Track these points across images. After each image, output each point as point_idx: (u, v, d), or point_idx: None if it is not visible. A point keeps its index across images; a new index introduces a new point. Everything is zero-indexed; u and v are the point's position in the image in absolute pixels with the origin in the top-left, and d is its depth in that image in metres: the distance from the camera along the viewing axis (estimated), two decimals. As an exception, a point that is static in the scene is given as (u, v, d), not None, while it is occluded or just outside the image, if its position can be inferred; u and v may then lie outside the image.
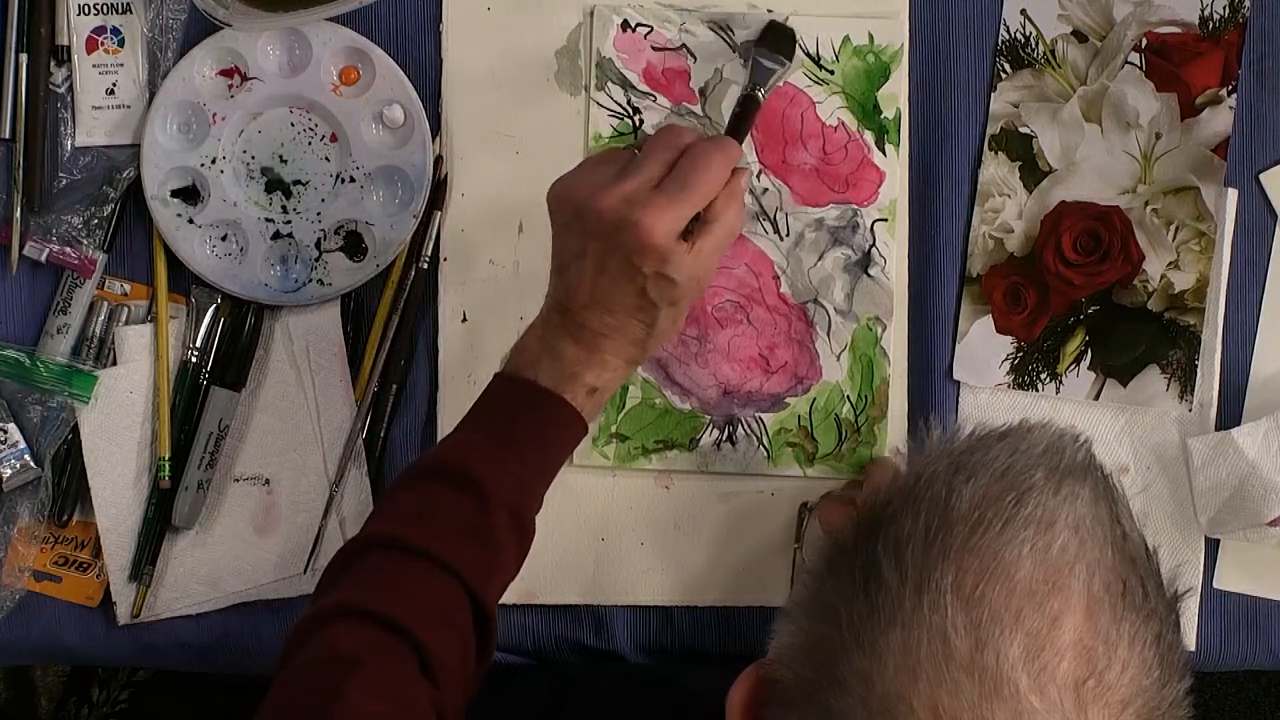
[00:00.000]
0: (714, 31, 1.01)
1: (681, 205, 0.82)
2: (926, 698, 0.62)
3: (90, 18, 1.01)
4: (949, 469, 0.68)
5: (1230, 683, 1.59)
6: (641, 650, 1.03)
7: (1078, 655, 0.62)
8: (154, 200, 1.00)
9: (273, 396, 1.01)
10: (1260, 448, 0.98)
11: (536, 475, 0.86)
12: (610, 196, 0.82)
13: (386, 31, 1.01)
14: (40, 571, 1.01)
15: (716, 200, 0.84)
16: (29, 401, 1.00)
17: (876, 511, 0.68)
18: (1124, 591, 0.65)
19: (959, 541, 0.65)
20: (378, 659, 0.76)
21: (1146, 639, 0.65)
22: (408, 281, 1.01)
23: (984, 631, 0.62)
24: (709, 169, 0.83)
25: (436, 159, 1.01)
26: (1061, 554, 0.64)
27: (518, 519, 0.84)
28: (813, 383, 1.01)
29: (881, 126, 1.01)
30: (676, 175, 0.83)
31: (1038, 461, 0.67)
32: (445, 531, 0.82)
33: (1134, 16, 1.00)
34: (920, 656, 0.63)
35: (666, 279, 0.83)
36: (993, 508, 0.65)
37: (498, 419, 0.86)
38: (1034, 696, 0.61)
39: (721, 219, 0.85)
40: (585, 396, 0.86)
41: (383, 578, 0.81)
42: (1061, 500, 0.66)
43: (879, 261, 1.01)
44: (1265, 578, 1.02)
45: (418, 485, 0.85)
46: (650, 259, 0.82)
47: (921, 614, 0.63)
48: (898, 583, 0.65)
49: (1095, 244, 1.01)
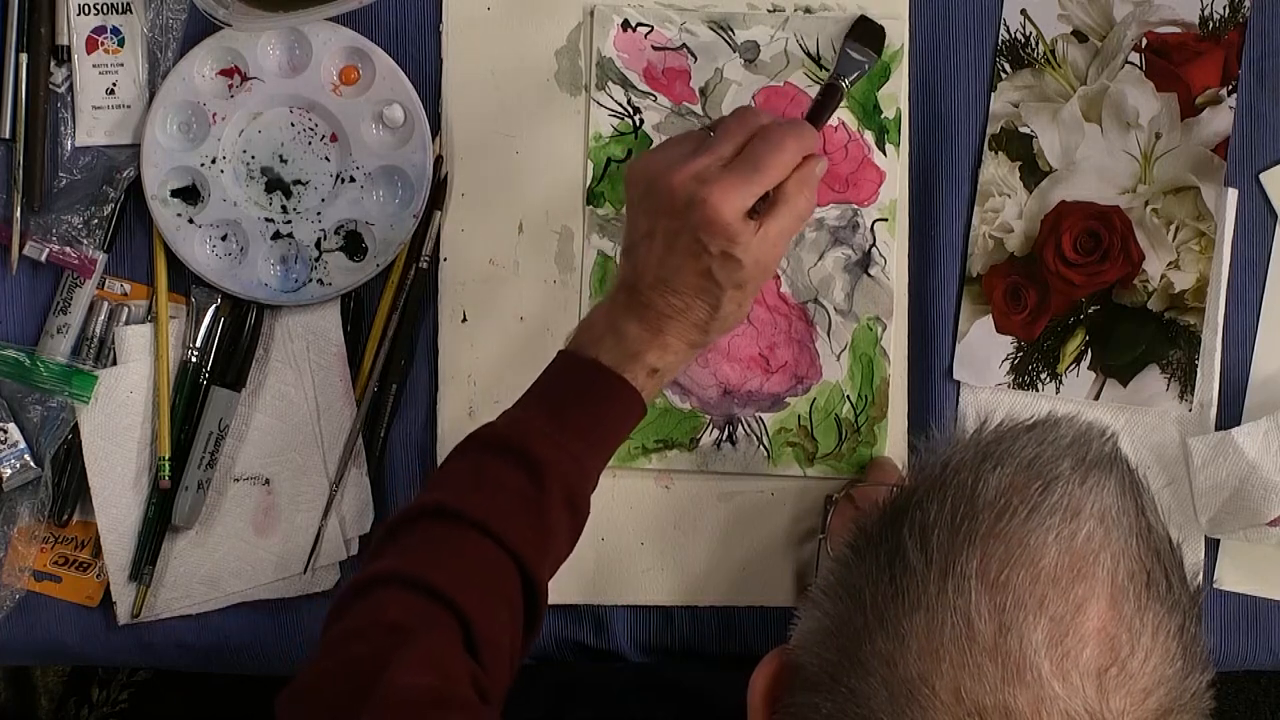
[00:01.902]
0: (714, 31, 1.01)
1: (750, 184, 0.82)
2: (949, 680, 0.62)
3: (90, 18, 1.01)
4: (976, 457, 0.68)
5: (1230, 683, 1.59)
6: (641, 650, 1.03)
7: (1101, 642, 0.63)
8: (154, 200, 1.00)
9: (273, 396, 1.01)
10: (1260, 448, 0.98)
11: (594, 454, 0.86)
12: (681, 173, 0.83)
13: (386, 31, 1.01)
14: (40, 571, 1.01)
15: (787, 184, 0.84)
16: (29, 401, 1.00)
17: (903, 498, 0.69)
18: (1148, 582, 0.65)
19: (985, 527, 0.65)
20: (423, 630, 0.76)
21: (1170, 629, 0.65)
22: (408, 281, 1.01)
23: (1008, 616, 0.63)
24: (781, 151, 0.83)
25: (436, 159, 1.01)
26: (1087, 542, 0.65)
27: (571, 497, 0.84)
28: (813, 382, 1.01)
29: (882, 126, 1.01)
30: (747, 155, 0.83)
31: (1065, 452, 0.67)
32: (498, 504, 0.82)
33: (1134, 16, 1.00)
34: (944, 639, 0.63)
35: (733, 259, 0.83)
36: (1019, 495, 0.66)
37: (558, 397, 0.86)
38: (1056, 682, 0.62)
39: (791, 203, 0.84)
40: (646, 377, 0.86)
41: (432, 547, 0.81)
42: (1087, 490, 0.66)
43: (879, 261, 1.01)
44: (1265, 578, 1.02)
45: (473, 457, 0.85)
46: (717, 237, 0.82)
47: (946, 597, 0.64)
48: (923, 566, 0.65)
49: (1095, 244, 1.01)
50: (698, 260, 0.83)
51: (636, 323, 0.85)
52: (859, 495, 0.95)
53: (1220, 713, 1.72)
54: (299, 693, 0.77)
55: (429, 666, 0.75)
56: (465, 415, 1.01)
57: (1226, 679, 1.69)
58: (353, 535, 1.01)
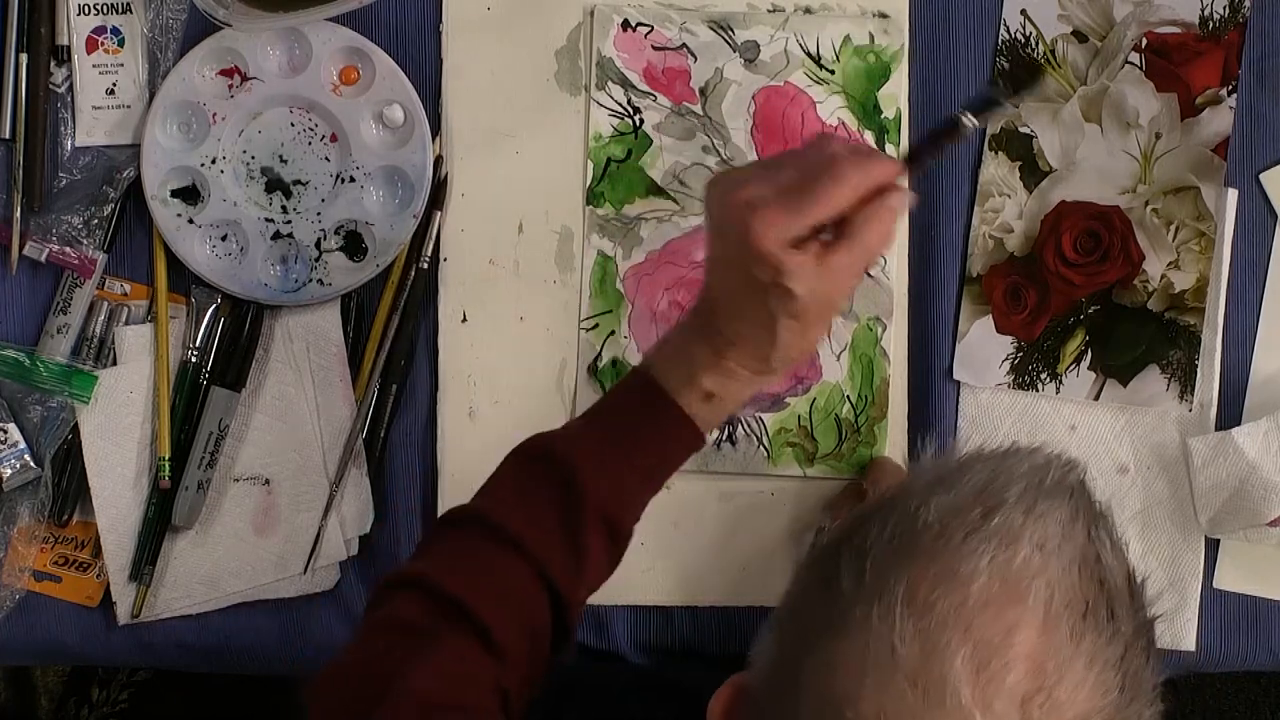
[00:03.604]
0: (714, 31, 1.01)
1: (797, 215, 0.78)
2: (871, 705, 0.62)
3: (90, 18, 1.01)
4: (929, 484, 0.67)
5: (1230, 683, 1.59)
6: (641, 650, 1.03)
7: (1027, 669, 0.61)
8: (154, 200, 1.00)
9: (273, 396, 1.01)
10: (1260, 448, 0.98)
11: (641, 481, 0.84)
12: (739, 195, 0.79)
13: (386, 31, 1.01)
14: (40, 571, 1.01)
15: (856, 216, 0.79)
16: (29, 401, 1.00)
17: (853, 521, 0.68)
18: (1086, 611, 0.64)
19: (920, 550, 0.64)
20: (441, 637, 0.77)
21: (1108, 659, 0.63)
22: (408, 281, 1.01)
23: (931, 640, 0.62)
24: (839, 183, 0.78)
25: (436, 159, 1.01)
26: (1023, 568, 0.63)
27: (610, 523, 0.83)
28: (813, 383, 1.01)
29: (882, 126, 1.01)
30: (802, 184, 0.79)
31: (1017, 480, 0.66)
32: (535, 522, 0.81)
33: (1134, 16, 1.00)
34: (867, 663, 0.62)
35: (784, 289, 0.78)
36: (958, 519, 0.65)
37: (615, 416, 0.85)
38: (978, 709, 0.61)
39: (858, 236, 0.79)
40: (700, 402, 0.83)
41: (463, 557, 0.82)
42: (1032, 518, 0.65)
43: (879, 261, 1.01)
44: (1265, 578, 1.02)
45: (522, 468, 0.84)
46: (762, 266, 0.78)
47: (870, 622, 0.63)
48: (853, 589, 0.64)
49: (1095, 244, 1.01)
50: (752, 289, 0.80)
51: (703, 344, 0.83)
52: None
53: (1220, 712, 1.71)
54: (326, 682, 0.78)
55: (443, 674, 0.76)
56: (465, 415, 1.01)
57: (1226, 679, 1.69)
58: (353, 535, 1.01)
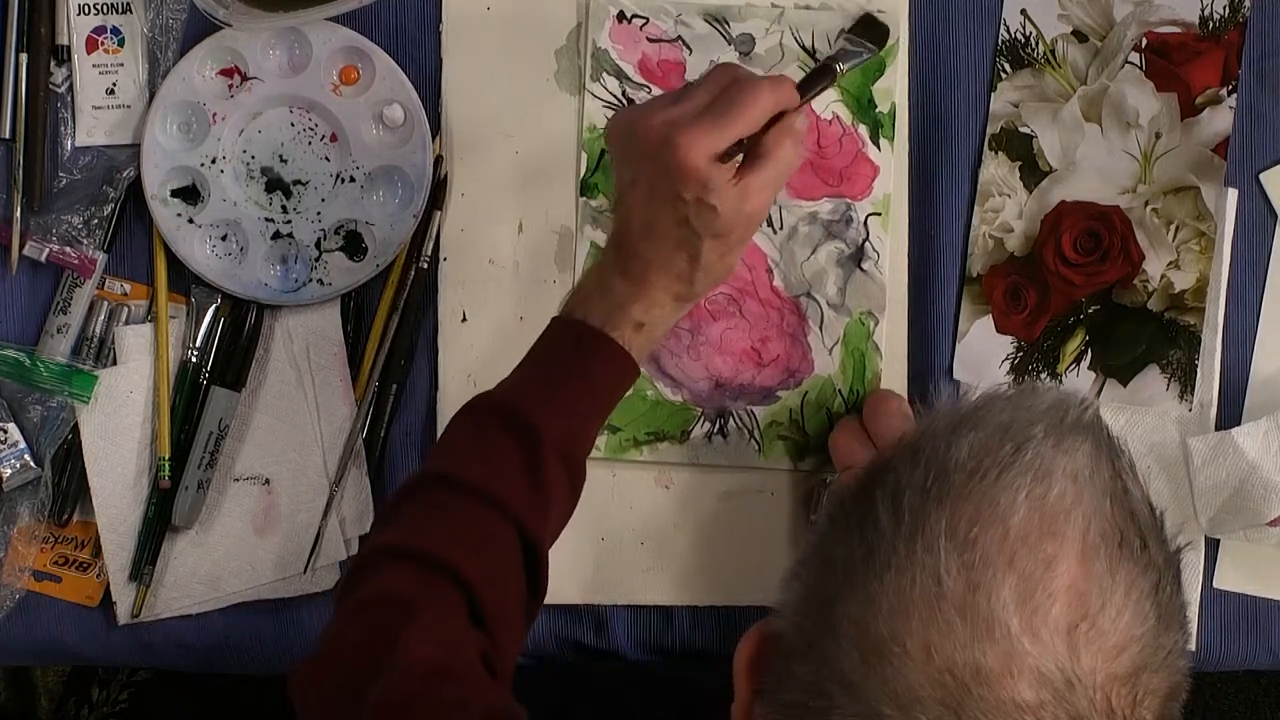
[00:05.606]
0: (710, 24, 1.01)
1: (721, 129, 0.82)
2: (919, 638, 0.62)
3: (90, 18, 1.01)
4: (952, 423, 0.68)
5: (1230, 683, 1.59)
6: (641, 650, 1.03)
7: (1070, 599, 0.63)
8: (154, 200, 1.00)
9: (273, 396, 1.01)
10: (1260, 448, 0.98)
11: (586, 415, 0.87)
12: (655, 118, 0.84)
13: (386, 31, 1.01)
14: (40, 571, 1.01)
15: (767, 135, 0.84)
16: (29, 401, 1.00)
17: (880, 465, 0.69)
18: (1121, 542, 0.65)
19: (955, 488, 0.65)
20: (428, 603, 0.79)
21: (1143, 589, 0.65)
22: (408, 281, 1.01)
23: (976, 574, 0.63)
24: (755, 100, 0.83)
25: (436, 159, 1.01)
26: (1059, 501, 0.65)
27: (567, 458, 0.85)
28: (805, 376, 1.01)
29: (876, 121, 1.01)
30: (720, 101, 0.84)
31: (1040, 417, 0.67)
32: (494, 469, 0.84)
33: (1134, 16, 1.00)
34: (913, 598, 0.63)
35: (708, 206, 0.83)
36: (990, 457, 0.66)
37: (547, 360, 0.87)
38: (1025, 638, 0.62)
39: (772, 154, 0.84)
40: (632, 333, 0.86)
41: (434, 516, 0.83)
42: (1061, 452, 0.66)
43: (872, 255, 1.01)
44: (1265, 578, 1.01)
45: (469, 424, 0.87)
46: (690, 182, 0.82)
47: (915, 557, 0.64)
48: (893, 528, 0.65)
49: (1095, 244, 1.01)
50: (674, 208, 0.83)
51: (621, 276, 0.86)
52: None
53: (1220, 712, 1.71)
54: (311, 669, 0.79)
55: (435, 640, 0.77)
56: (465, 415, 1.01)
57: (1226, 679, 1.68)
58: (353, 535, 1.01)
